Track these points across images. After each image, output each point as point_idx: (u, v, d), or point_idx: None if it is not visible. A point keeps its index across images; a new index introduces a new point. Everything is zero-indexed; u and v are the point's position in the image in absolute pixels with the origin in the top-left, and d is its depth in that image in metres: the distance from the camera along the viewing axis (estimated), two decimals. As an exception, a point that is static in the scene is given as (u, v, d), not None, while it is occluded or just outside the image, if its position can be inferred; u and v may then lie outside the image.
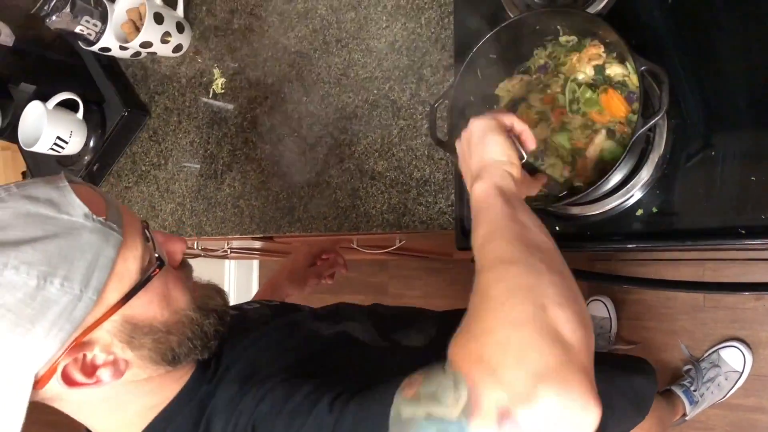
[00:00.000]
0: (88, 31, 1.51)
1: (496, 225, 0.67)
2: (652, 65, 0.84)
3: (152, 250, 0.70)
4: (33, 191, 0.64)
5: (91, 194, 0.67)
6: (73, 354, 0.63)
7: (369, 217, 1.26)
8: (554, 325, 0.55)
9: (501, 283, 0.60)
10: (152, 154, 1.62)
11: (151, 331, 0.68)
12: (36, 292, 0.59)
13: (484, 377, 0.53)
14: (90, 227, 0.63)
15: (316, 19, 1.37)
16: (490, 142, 0.75)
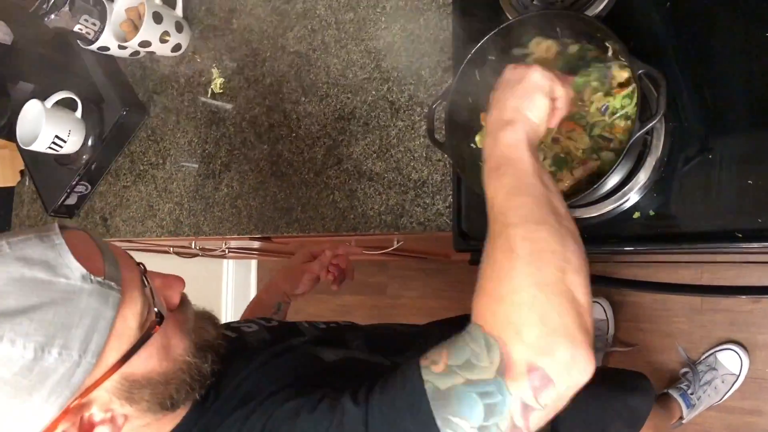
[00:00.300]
0: (87, 30, 1.51)
1: (524, 180, 0.68)
2: (650, 68, 0.84)
3: (151, 300, 0.67)
4: (27, 252, 0.61)
5: (87, 248, 0.64)
6: (72, 418, 0.62)
7: (367, 218, 1.26)
8: (572, 289, 0.61)
9: (527, 243, 0.63)
10: (150, 153, 1.62)
11: (150, 384, 0.67)
12: (33, 364, 0.57)
13: (513, 337, 0.59)
14: (88, 290, 0.61)
15: (315, 19, 1.37)
16: (537, 101, 0.74)
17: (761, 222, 0.88)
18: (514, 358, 0.59)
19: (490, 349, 0.60)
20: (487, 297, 0.63)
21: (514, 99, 0.74)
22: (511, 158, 0.70)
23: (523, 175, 0.68)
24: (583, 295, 0.62)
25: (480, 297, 0.64)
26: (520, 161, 0.69)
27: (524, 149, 0.70)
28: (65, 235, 0.64)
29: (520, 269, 0.62)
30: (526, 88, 0.74)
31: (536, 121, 0.73)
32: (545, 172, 0.71)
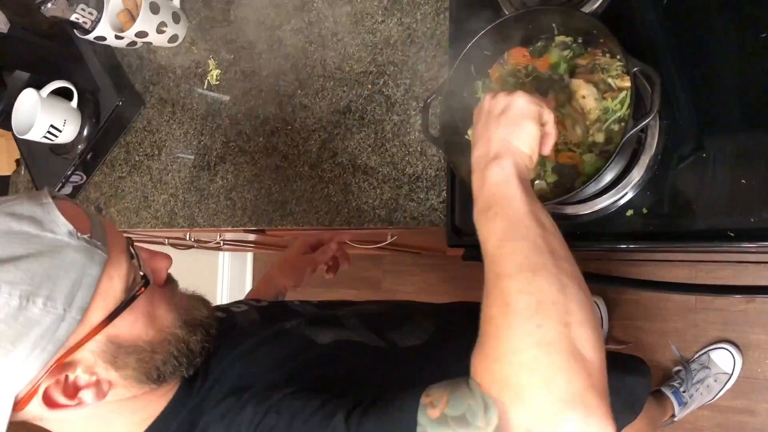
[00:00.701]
0: (84, 20, 1.50)
1: (517, 222, 0.63)
2: (645, 66, 0.84)
3: (137, 268, 0.68)
4: (16, 208, 0.62)
5: (75, 211, 0.65)
6: (55, 375, 0.62)
7: (361, 212, 1.26)
8: (578, 345, 0.55)
9: (523, 296, 0.58)
10: (146, 144, 1.62)
11: (136, 350, 0.67)
12: (18, 313, 0.58)
13: (514, 401, 0.55)
14: (75, 245, 0.61)
15: (312, 12, 1.37)
16: (525, 129, 0.69)
17: (753, 221, 0.88)
18: (513, 424, 0.55)
19: (487, 409, 0.56)
20: (484, 355, 0.59)
21: (500, 129, 0.69)
22: (501, 198, 0.65)
23: (515, 216, 0.64)
24: (591, 350, 0.56)
25: (477, 353, 0.60)
26: (512, 200, 0.65)
27: (515, 186, 0.65)
28: (55, 200, 0.65)
29: (517, 327, 0.57)
30: (512, 117, 0.70)
31: (527, 151, 0.69)
32: (540, 208, 0.66)
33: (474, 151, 0.72)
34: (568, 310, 0.57)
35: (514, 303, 0.58)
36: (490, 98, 0.73)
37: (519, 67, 1.00)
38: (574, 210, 1.00)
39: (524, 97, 0.70)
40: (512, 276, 0.60)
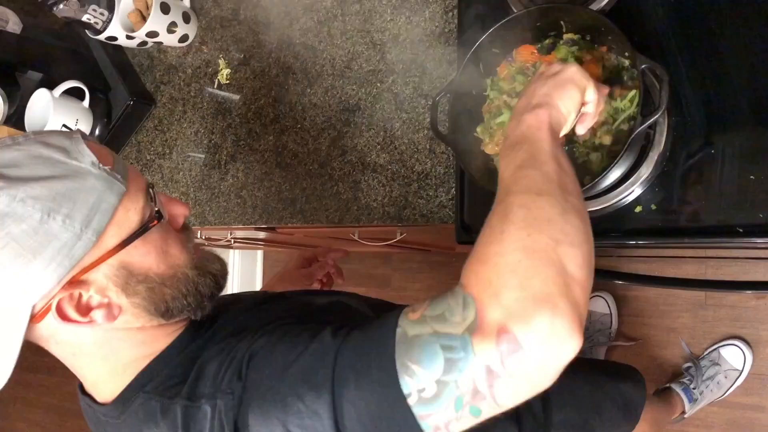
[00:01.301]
0: (95, 20, 1.51)
1: (538, 157, 0.67)
2: (653, 63, 0.84)
3: (153, 207, 0.72)
4: (48, 139, 0.69)
5: (101, 149, 0.71)
6: (69, 289, 0.66)
7: (370, 209, 1.27)
8: (563, 259, 0.58)
9: (523, 210, 0.61)
10: (157, 143, 1.63)
11: (146, 280, 0.71)
12: (39, 226, 0.63)
13: (491, 299, 0.57)
14: (96, 174, 0.67)
15: (321, 11, 1.37)
16: (569, 92, 0.74)
17: (762, 217, 0.88)
18: (487, 318, 0.57)
19: (466, 306, 0.59)
20: (474, 259, 0.62)
21: (546, 87, 0.74)
22: (529, 137, 0.69)
23: (537, 152, 0.67)
24: (576, 268, 0.58)
25: (468, 259, 0.63)
26: (539, 140, 0.68)
27: (545, 131, 0.69)
28: (85, 139, 0.71)
29: (510, 233, 0.60)
30: (560, 79, 0.74)
31: (564, 111, 0.73)
32: (563, 154, 0.69)
33: (519, 101, 0.76)
34: (563, 230, 0.60)
35: (512, 214, 0.61)
36: (548, 65, 0.78)
37: (527, 65, 1.00)
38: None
39: (577, 67, 0.75)
40: (518, 193, 0.64)
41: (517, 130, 0.71)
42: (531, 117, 0.71)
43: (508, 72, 1.02)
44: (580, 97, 0.75)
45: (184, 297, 0.75)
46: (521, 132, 0.70)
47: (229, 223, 1.49)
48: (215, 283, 0.79)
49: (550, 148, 0.68)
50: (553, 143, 0.69)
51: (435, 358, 0.58)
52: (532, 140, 0.69)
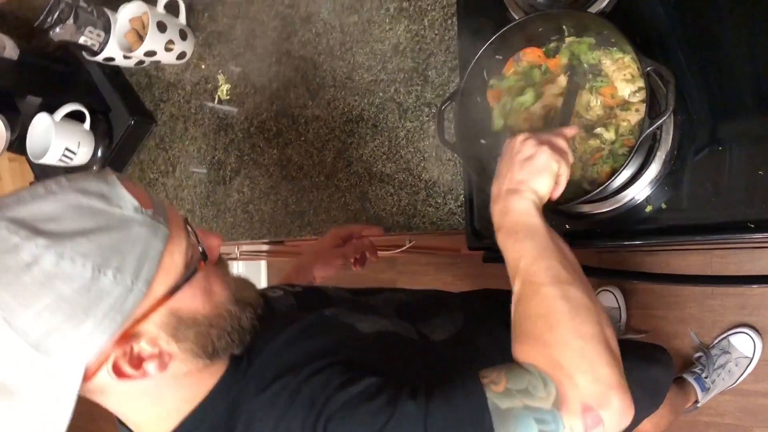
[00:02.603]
0: (92, 42, 1.51)
1: (544, 243, 0.77)
2: (658, 65, 0.85)
3: (195, 245, 0.71)
4: (84, 185, 0.65)
5: (137, 189, 0.69)
6: (122, 346, 0.64)
7: (379, 219, 1.27)
8: (609, 340, 0.70)
9: (565, 301, 0.72)
10: (160, 161, 1.63)
11: (195, 324, 0.69)
12: (90, 284, 0.60)
13: (566, 380, 0.68)
14: (140, 221, 0.64)
15: (319, 23, 1.38)
16: (543, 179, 0.80)
17: (773, 212, 0.88)
18: (569, 396, 0.67)
19: (546, 384, 0.68)
20: (534, 342, 0.72)
21: (522, 173, 0.81)
22: (525, 224, 0.78)
23: (541, 239, 0.77)
24: (615, 346, 0.71)
25: (524, 343, 0.73)
26: (536, 227, 0.78)
27: (536, 215, 0.79)
28: (119, 177, 0.68)
29: (564, 323, 0.71)
30: (535, 167, 0.81)
31: (541, 193, 0.81)
32: (555, 234, 0.79)
33: (497, 182, 0.84)
34: (597, 312, 0.72)
35: (558, 306, 0.72)
36: (521, 140, 0.84)
37: (534, 65, 1.01)
38: (594, 208, 1.02)
39: (548, 152, 0.81)
40: (552, 284, 0.73)
41: (510, 216, 0.79)
42: (517, 202, 0.79)
43: (514, 70, 1.02)
44: (551, 182, 0.81)
45: (229, 335, 0.73)
46: (515, 219, 0.79)
47: (237, 239, 1.49)
48: (254, 314, 0.77)
49: (547, 233, 0.78)
50: (546, 226, 0.78)
51: (531, 430, 0.67)
52: (530, 229, 0.78)
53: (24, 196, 0.63)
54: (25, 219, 0.61)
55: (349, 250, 1.24)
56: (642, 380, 1.28)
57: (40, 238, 0.59)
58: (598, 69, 0.95)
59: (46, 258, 0.59)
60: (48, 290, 0.59)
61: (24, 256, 0.59)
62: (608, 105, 0.93)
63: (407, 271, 2.47)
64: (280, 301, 0.95)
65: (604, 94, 0.93)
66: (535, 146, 0.81)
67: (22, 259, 0.59)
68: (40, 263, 0.59)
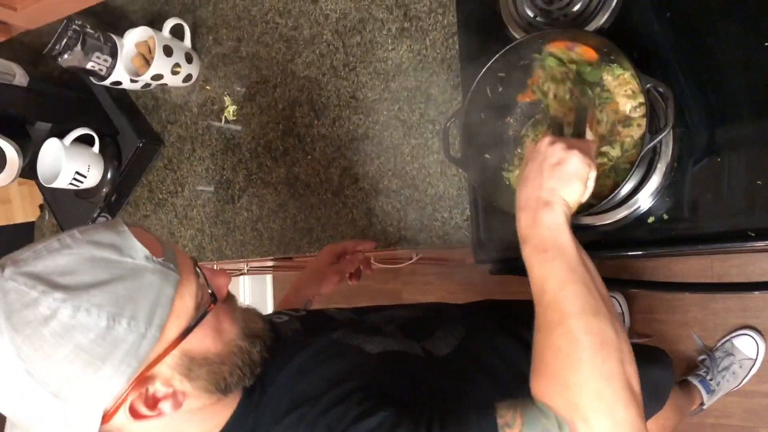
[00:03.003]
0: (100, 67, 1.54)
1: (574, 267, 0.74)
2: (657, 82, 0.88)
3: (205, 286, 0.74)
4: (97, 237, 0.68)
5: (147, 237, 0.72)
6: (138, 389, 0.67)
7: (387, 234, 1.30)
8: (630, 380, 0.69)
9: (590, 336, 0.69)
10: (168, 182, 1.66)
11: (206, 362, 0.72)
12: (106, 333, 0.63)
13: (583, 423, 0.66)
14: (151, 268, 0.68)
15: (323, 44, 1.41)
16: (574, 187, 0.78)
17: (772, 220, 0.91)
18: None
19: (561, 427, 0.67)
20: (553, 380, 0.70)
21: (552, 180, 0.78)
22: (556, 242, 0.75)
23: (571, 261, 0.74)
24: (637, 384, 0.70)
25: (543, 378, 0.71)
26: (566, 246, 0.75)
27: (567, 233, 0.75)
28: (129, 227, 0.71)
29: (586, 361, 0.68)
30: (565, 173, 0.78)
31: (572, 204, 0.79)
32: (585, 254, 0.76)
33: (524, 189, 0.80)
34: (621, 349, 0.70)
35: (582, 341, 0.69)
36: (548, 143, 0.81)
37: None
38: (598, 220, 1.04)
39: (579, 156, 0.78)
40: (578, 316, 0.71)
41: (539, 230, 0.76)
42: (547, 216, 0.76)
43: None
44: (583, 188, 0.79)
45: (240, 369, 0.76)
46: (544, 235, 0.76)
47: (247, 256, 1.52)
48: (264, 346, 0.80)
49: (578, 254, 0.75)
50: (576, 246, 0.75)
51: None
52: (560, 248, 0.75)
53: (40, 250, 0.67)
54: (42, 273, 0.64)
55: (345, 266, 1.28)
56: (643, 381, 1.30)
57: (57, 292, 0.63)
58: (602, 85, 0.98)
59: (63, 311, 0.62)
60: (66, 341, 0.62)
61: (42, 309, 0.62)
62: (615, 120, 0.96)
63: (412, 281, 2.50)
64: (286, 327, 0.98)
65: (610, 110, 0.96)
66: (564, 150, 0.79)
67: (40, 313, 0.62)
68: (57, 316, 0.62)
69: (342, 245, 1.29)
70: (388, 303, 1.18)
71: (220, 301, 0.77)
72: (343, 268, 1.28)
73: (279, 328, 0.96)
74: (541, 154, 0.81)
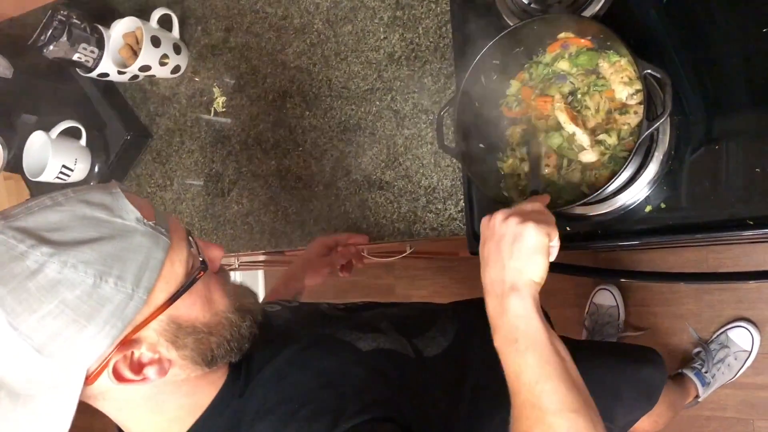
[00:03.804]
0: (86, 58, 1.52)
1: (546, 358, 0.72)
2: (655, 68, 0.86)
3: (196, 255, 0.73)
4: (89, 196, 0.67)
5: (140, 201, 0.71)
6: (123, 351, 0.66)
7: (380, 226, 1.28)
8: None
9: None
10: (157, 175, 1.64)
11: (194, 331, 0.71)
12: (92, 290, 0.62)
13: None
14: (141, 230, 0.67)
15: (313, 33, 1.39)
16: (536, 262, 0.75)
17: (772, 208, 0.90)
18: None
19: None
20: None
21: (513, 260, 0.75)
22: (525, 332, 0.73)
23: (543, 351, 0.72)
24: None
25: None
26: (536, 335, 0.73)
27: (536, 320, 0.73)
28: (122, 190, 0.70)
29: None
30: (524, 250, 0.75)
31: (538, 280, 0.75)
32: (556, 337, 0.74)
33: (487, 271, 0.78)
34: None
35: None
36: (501, 220, 0.78)
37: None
38: (594, 210, 1.02)
39: (534, 228, 0.75)
40: (557, 414, 0.69)
41: (508, 319, 0.74)
42: (515, 303, 0.74)
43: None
44: (546, 260, 0.76)
45: (228, 342, 0.75)
46: (513, 324, 0.74)
47: (238, 250, 1.49)
48: (253, 322, 0.79)
49: (548, 342, 0.73)
50: (547, 332, 0.73)
51: None
52: (531, 337, 0.73)
53: (32, 206, 0.66)
54: (32, 228, 0.63)
55: (336, 258, 1.27)
56: (635, 381, 1.30)
57: (45, 247, 0.62)
58: (597, 72, 0.96)
59: (51, 265, 0.62)
60: (52, 296, 0.61)
61: (29, 263, 0.62)
62: (611, 108, 0.94)
63: (405, 276, 2.48)
64: (277, 316, 0.96)
65: (606, 97, 0.94)
66: (519, 224, 0.76)
67: (27, 267, 0.62)
68: (44, 270, 0.61)
69: (334, 238, 1.28)
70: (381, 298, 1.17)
71: (212, 271, 0.76)
72: (334, 260, 1.27)
73: (270, 317, 0.95)
74: (497, 232, 0.78)
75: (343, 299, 1.21)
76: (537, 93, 1.01)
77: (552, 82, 1.01)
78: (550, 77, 1.01)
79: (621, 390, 1.25)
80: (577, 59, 0.99)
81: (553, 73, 1.00)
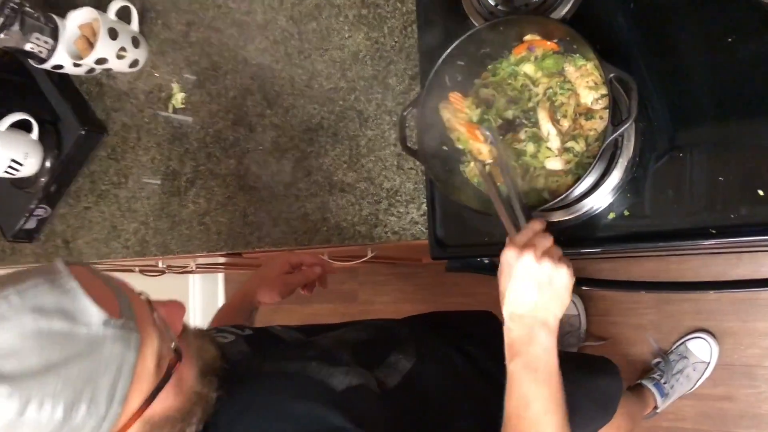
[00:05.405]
0: (39, 49, 1.46)
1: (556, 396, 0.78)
2: (621, 72, 0.85)
3: (164, 334, 0.65)
4: (39, 301, 0.56)
5: (97, 285, 0.61)
6: None
7: (340, 229, 1.24)
8: None
9: None
10: (111, 172, 1.58)
11: (168, 422, 0.65)
12: (62, 425, 0.54)
13: None
14: (111, 337, 0.58)
15: (277, 30, 1.35)
16: (565, 300, 0.80)
17: (733, 218, 0.89)
18: None
19: None
20: None
21: (549, 300, 0.79)
22: (548, 365, 0.77)
23: (556, 389, 0.77)
24: None
25: None
26: (555, 372, 0.78)
27: (555, 357, 0.78)
28: (72, 270, 0.60)
29: None
30: (559, 290, 0.79)
31: (561, 316, 0.81)
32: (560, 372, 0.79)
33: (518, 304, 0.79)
34: None
35: None
36: (534, 260, 0.78)
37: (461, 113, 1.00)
38: (555, 216, 1.01)
39: (568, 273, 0.80)
40: None
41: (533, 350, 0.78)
42: (545, 337, 0.78)
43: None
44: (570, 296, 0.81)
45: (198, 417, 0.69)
46: (538, 354, 0.78)
47: (193, 251, 1.44)
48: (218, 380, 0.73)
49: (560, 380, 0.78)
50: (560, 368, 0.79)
51: None
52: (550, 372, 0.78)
53: None
54: None
55: (298, 279, 1.21)
56: (591, 392, 1.29)
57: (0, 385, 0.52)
58: (561, 76, 0.95)
59: (10, 406, 0.52)
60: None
61: None
62: (577, 113, 0.93)
63: (368, 281, 2.45)
64: (233, 348, 0.89)
65: (571, 102, 0.93)
66: (554, 267, 0.79)
67: None
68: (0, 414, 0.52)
69: (300, 258, 1.23)
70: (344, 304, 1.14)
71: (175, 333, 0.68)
72: (295, 281, 1.21)
73: (226, 350, 0.86)
74: (533, 274, 0.78)
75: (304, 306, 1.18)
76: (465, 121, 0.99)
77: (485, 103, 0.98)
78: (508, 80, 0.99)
79: (577, 401, 1.23)
80: (542, 62, 0.98)
81: (516, 73, 0.99)
